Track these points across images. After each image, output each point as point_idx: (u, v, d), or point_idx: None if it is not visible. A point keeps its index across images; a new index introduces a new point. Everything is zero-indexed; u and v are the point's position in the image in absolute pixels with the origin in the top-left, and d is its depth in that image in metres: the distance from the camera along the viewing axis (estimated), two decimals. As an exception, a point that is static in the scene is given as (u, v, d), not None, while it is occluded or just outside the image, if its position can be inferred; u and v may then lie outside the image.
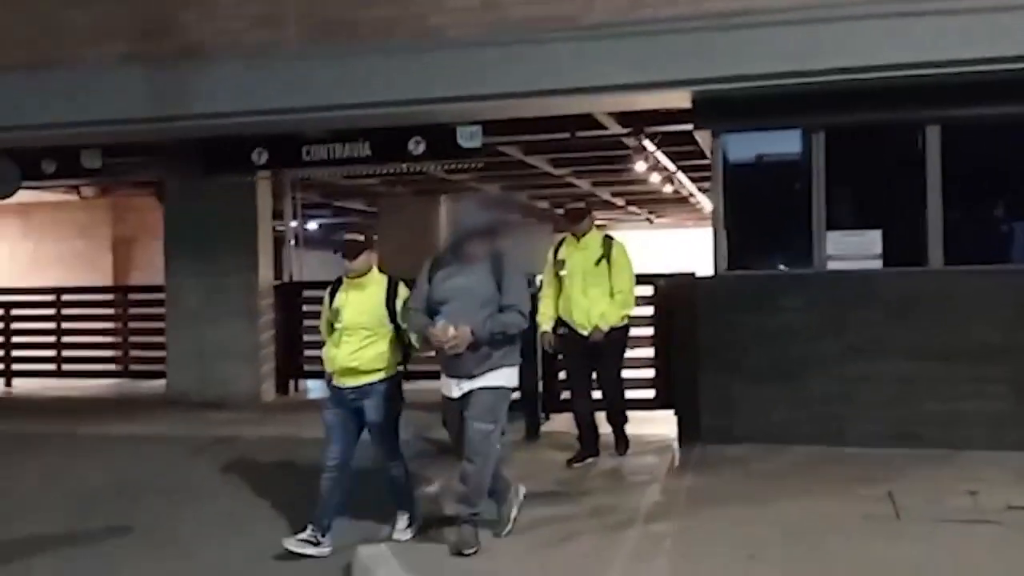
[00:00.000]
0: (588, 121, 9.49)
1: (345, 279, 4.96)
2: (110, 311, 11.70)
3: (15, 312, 11.83)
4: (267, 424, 8.82)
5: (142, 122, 8.05)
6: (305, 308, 10.29)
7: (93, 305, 11.89)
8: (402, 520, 5.01)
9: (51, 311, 11.60)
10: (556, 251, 6.56)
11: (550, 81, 7.19)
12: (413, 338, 4.80)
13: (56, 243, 14.67)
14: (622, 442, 6.71)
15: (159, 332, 10.60)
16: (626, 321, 6.50)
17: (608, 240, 6.50)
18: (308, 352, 10.20)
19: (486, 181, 15.42)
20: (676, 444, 7.07)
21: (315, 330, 11.61)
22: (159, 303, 10.56)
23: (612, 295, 6.32)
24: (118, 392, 10.90)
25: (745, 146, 7.66)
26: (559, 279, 6.44)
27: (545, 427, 7.70)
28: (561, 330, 6.44)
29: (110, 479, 6.71)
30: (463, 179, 14.65)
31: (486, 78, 7.34)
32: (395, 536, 4.94)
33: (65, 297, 11.64)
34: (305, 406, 9.59)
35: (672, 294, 7.39)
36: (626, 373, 6.98)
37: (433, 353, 4.66)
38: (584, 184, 15.91)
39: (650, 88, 7.11)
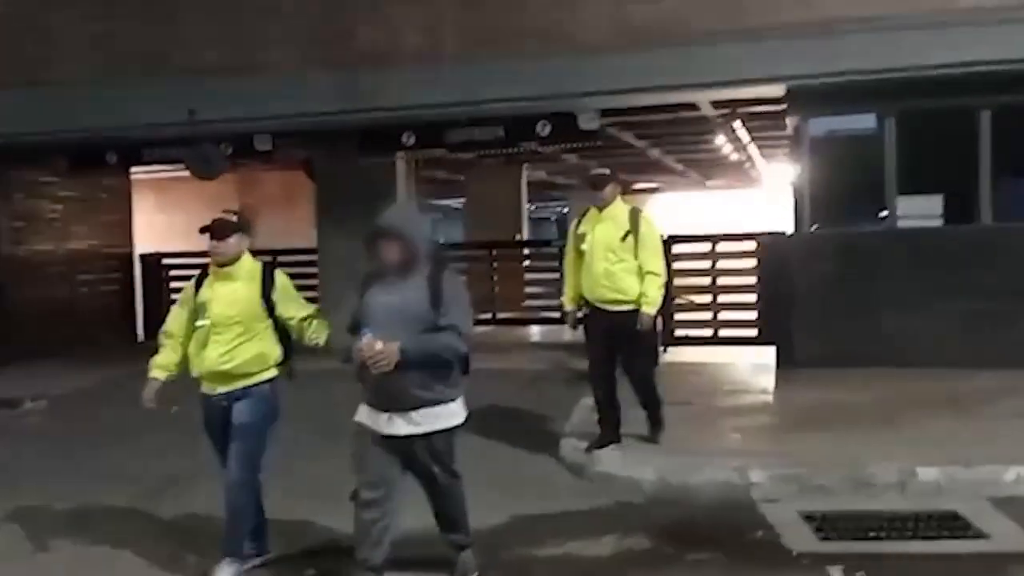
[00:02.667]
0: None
1: (211, 268, 4.34)
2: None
3: (173, 274, 13.74)
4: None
5: (325, 115, 9.83)
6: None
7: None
8: (226, 570, 4.25)
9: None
10: (578, 224, 6.00)
11: (666, 78, 8.89)
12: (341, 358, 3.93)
13: (187, 214, 16.54)
14: (658, 426, 6.19)
15: (313, 288, 12.46)
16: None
17: (635, 213, 5.86)
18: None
19: (566, 151, 17.02)
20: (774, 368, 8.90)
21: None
22: (309, 263, 12.41)
23: (641, 274, 5.74)
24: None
25: (826, 126, 9.34)
26: (581, 254, 5.87)
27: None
28: (583, 309, 5.95)
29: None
30: (545, 149, 16.28)
31: (611, 76, 9.05)
32: None
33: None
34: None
35: (770, 248, 9.13)
36: (732, 315, 8.76)
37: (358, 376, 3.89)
38: (655, 152, 17.47)
39: (751, 83, 8.80)
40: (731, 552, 4.54)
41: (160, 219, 16.74)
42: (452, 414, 3.94)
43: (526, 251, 15.96)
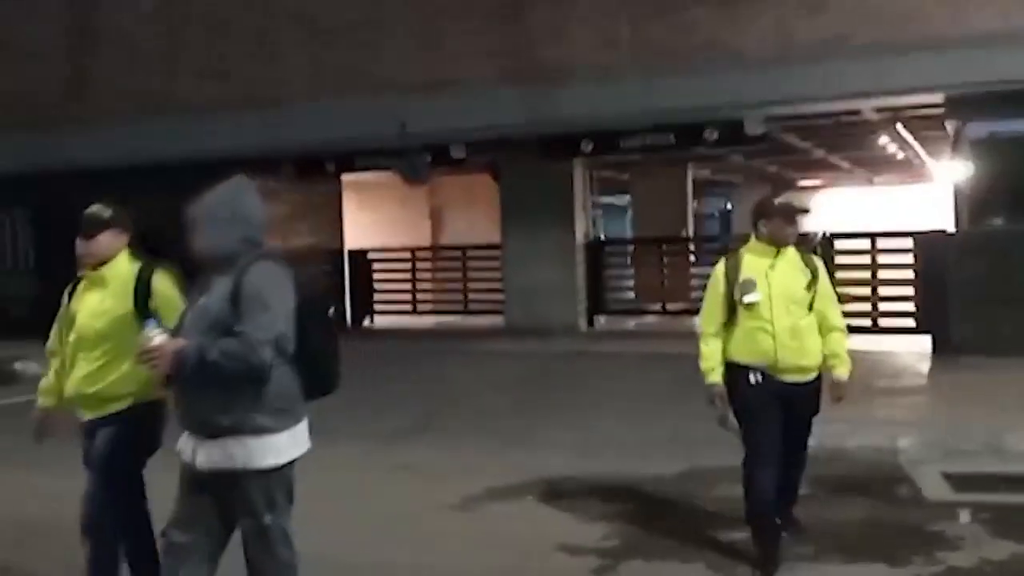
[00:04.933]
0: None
1: (85, 272, 3.71)
2: (454, 264, 15.22)
3: (375, 267, 15.54)
4: (600, 343, 11.93)
5: (513, 127, 11.18)
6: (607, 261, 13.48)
7: (438, 259, 15.51)
8: None
9: (407, 264, 15.28)
10: (734, 267, 4.33)
11: (827, 89, 9.67)
12: None
13: (384, 212, 18.40)
14: (795, 523, 4.64)
15: (493, 279, 13.89)
16: None
17: (809, 256, 4.44)
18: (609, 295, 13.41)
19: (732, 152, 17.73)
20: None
21: (616, 276, 14.73)
22: (492, 258, 13.85)
23: (824, 331, 4.35)
24: (463, 325, 14.34)
25: (987, 129, 9.84)
26: (734, 306, 4.30)
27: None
28: (754, 377, 4.27)
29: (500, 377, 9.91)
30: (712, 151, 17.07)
31: (775, 87, 9.91)
32: None
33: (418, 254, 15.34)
34: (609, 334, 12.73)
35: (929, 245, 9.75)
36: (890, 306, 9.45)
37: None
38: (820, 152, 17.90)
39: (908, 93, 9.46)
40: (876, 497, 5.43)
41: (361, 217, 18.68)
42: (267, 449, 3.03)
43: (691, 247, 16.87)
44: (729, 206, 31.06)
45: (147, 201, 12.32)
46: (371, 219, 18.43)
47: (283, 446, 3.09)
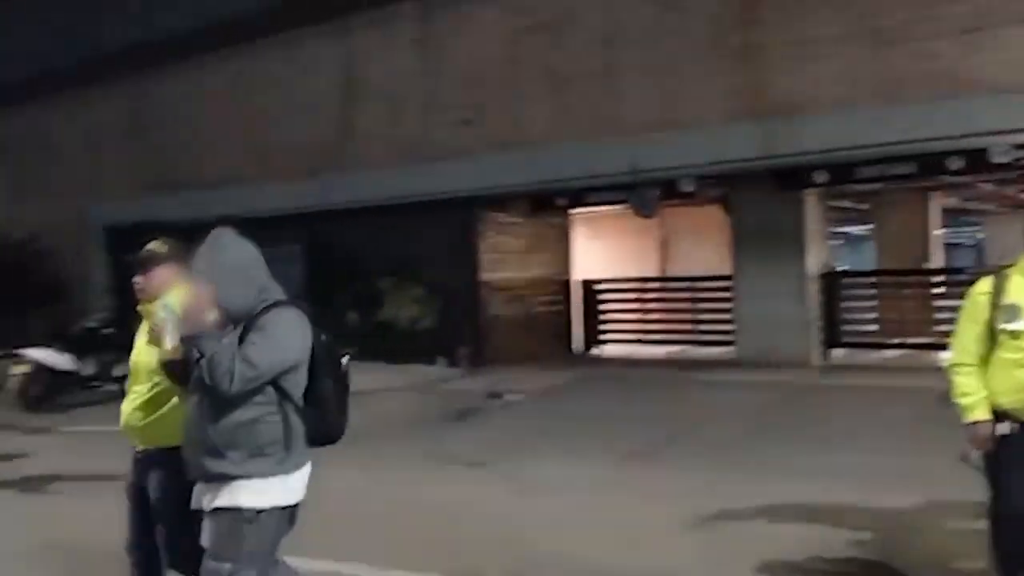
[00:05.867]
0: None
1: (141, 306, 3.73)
2: (683, 294, 15.51)
3: (602, 297, 16.10)
4: (835, 376, 11.79)
5: (745, 161, 11.39)
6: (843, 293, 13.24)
7: (667, 290, 15.85)
8: None
9: (634, 295, 15.74)
10: (998, 289, 3.73)
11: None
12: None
13: (615, 242, 18.97)
14: None
15: (722, 310, 14.03)
16: None
17: None
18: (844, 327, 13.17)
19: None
20: None
21: (853, 308, 14.34)
22: (723, 288, 14.00)
23: None
24: (691, 355, 14.56)
25: None
26: (997, 336, 3.70)
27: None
28: (1010, 427, 3.68)
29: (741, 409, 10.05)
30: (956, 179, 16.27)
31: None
32: None
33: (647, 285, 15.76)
34: (845, 367, 12.55)
35: None
36: None
37: None
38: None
39: None
40: None
41: (591, 247, 19.37)
42: (250, 491, 3.11)
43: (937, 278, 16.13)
44: (981, 235, 29.03)
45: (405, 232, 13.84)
46: (600, 249, 19.06)
47: (267, 490, 3.11)
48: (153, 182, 17.32)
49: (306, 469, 3.25)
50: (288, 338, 3.11)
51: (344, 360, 3.37)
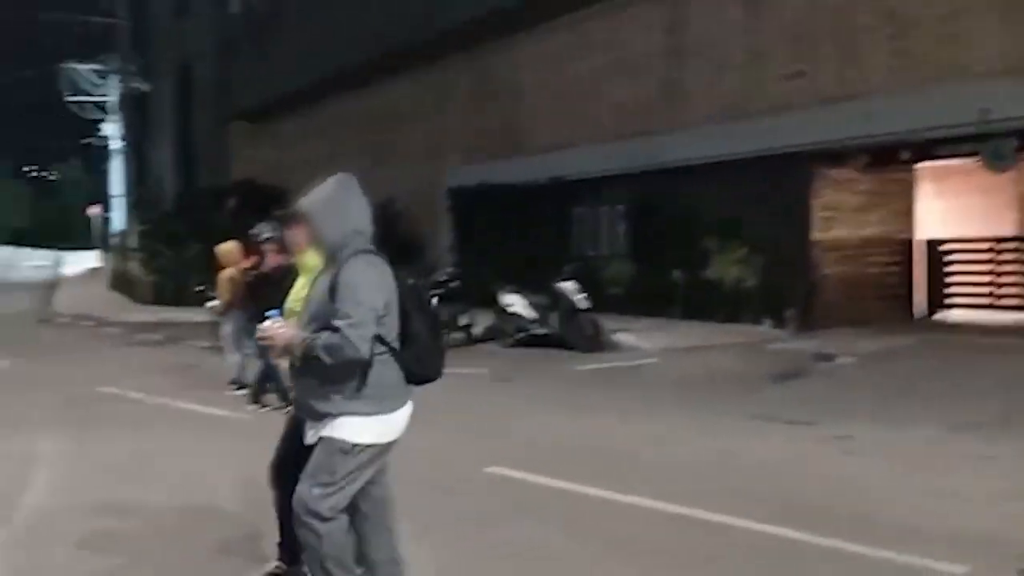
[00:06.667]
0: None
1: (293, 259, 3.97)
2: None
3: (950, 258, 14.84)
4: None
5: None
6: None
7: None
8: None
9: (987, 256, 14.35)
10: None
11: None
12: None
13: (962, 200, 17.33)
14: None
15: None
16: None
17: None
18: None
19: None
20: None
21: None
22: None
23: None
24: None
25: None
26: None
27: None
28: None
29: None
30: None
31: None
32: None
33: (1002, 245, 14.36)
34: None
35: None
36: None
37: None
38: None
39: None
40: None
41: (936, 205, 17.86)
42: (351, 426, 3.32)
43: None
44: None
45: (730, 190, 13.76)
46: (947, 208, 17.53)
47: (368, 428, 3.31)
48: (492, 146, 18.65)
49: (405, 410, 3.45)
50: (367, 283, 3.28)
51: (432, 302, 3.63)
